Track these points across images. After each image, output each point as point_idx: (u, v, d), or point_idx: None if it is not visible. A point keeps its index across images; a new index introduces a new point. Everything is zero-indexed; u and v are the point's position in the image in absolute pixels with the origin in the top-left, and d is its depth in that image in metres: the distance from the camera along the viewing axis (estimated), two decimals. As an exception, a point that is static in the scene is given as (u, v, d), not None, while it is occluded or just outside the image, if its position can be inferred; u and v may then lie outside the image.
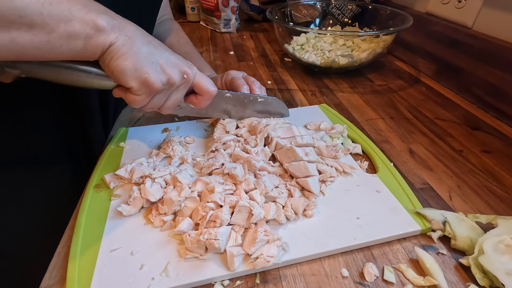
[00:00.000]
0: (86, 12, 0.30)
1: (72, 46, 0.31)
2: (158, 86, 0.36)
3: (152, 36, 0.37)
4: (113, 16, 0.33)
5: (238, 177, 0.40)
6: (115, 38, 0.32)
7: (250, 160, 0.42)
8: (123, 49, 0.33)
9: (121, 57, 0.33)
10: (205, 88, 0.41)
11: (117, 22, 0.33)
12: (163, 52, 0.37)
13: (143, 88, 0.36)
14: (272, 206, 0.37)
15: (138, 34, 0.35)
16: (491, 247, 0.33)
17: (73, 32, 0.30)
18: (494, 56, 0.60)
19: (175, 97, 0.40)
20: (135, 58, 0.34)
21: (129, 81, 0.35)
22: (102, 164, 0.46)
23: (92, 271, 0.32)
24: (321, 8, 0.94)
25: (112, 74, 0.34)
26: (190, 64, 0.40)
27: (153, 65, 0.35)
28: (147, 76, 0.35)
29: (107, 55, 0.33)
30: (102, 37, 0.32)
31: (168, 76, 0.37)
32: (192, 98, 0.43)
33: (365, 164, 0.46)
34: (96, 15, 0.31)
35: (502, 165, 0.48)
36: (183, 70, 0.38)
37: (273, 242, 0.33)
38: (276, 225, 0.37)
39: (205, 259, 0.33)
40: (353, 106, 0.64)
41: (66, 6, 0.29)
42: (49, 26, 0.29)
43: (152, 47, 0.36)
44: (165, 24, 0.71)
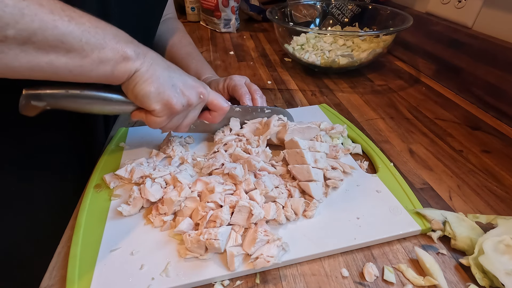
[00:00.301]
0: (117, 42, 0.33)
1: (101, 71, 0.33)
2: (179, 108, 0.39)
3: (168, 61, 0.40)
4: (137, 45, 0.36)
5: (238, 177, 0.40)
6: (140, 65, 0.35)
7: (250, 160, 0.42)
8: (147, 75, 0.36)
9: (145, 82, 0.36)
10: (219, 105, 0.44)
11: (141, 50, 0.36)
12: (181, 75, 0.40)
13: (165, 110, 0.38)
14: (272, 206, 0.37)
15: (159, 60, 0.38)
16: (491, 247, 0.32)
17: (105, 58, 0.33)
18: (494, 56, 0.60)
19: (192, 115, 0.43)
20: (157, 83, 0.36)
21: (152, 104, 0.37)
22: (102, 164, 0.46)
23: (92, 271, 0.32)
24: (321, 8, 0.94)
25: (136, 98, 0.37)
26: (204, 85, 0.43)
27: (173, 88, 0.38)
28: (170, 98, 0.37)
29: (132, 80, 0.36)
30: (129, 64, 0.34)
31: (187, 98, 0.39)
32: (206, 115, 0.46)
33: (365, 164, 0.46)
34: (124, 45, 0.34)
35: (502, 165, 0.48)
36: (200, 91, 0.41)
37: (273, 242, 0.33)
38: (276, 225, 0.37)
39: (205, 259, 0.33)
40: (353, 106, 0.64)
41: (101, 34, 0.32)
42: (85, 51, 0.31)
43: (171, 72, 0.39)
44: (168, 23, 0.71)
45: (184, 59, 0.64)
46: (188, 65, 0.63)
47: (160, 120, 0.39)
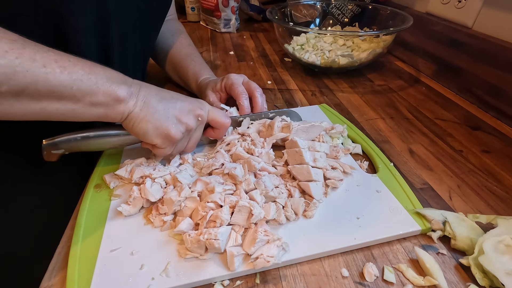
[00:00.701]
0: (110, 85, 0.35)
1: (94, 113, 0.35)
2: (178, 137, 0.40)
3: (162, 89, 0.41)
4: (130, 84, 0.37)
5: (238, 177, 0.40)
6: (133, 105, 0.37)
7: (250, 160, 0.42)
8: (141, 114, 0.37)
9: (141, 121, 0.37)
10: (219, 122, 0.45)
11: (134, 89, 0.37)
12: (175, 103, 0.40)
13: (167, 142, 0.40)
14: (272, 206, 0.37)
15: (152, 93, 0.39)
16: (491, 247, 0.32)
17: (97, 102, 0.34)
18: (494, 56, 0.60)
19: (194, 137, 0.44)
20: (153, 119, 0.38)
21: (153, 140, 0.39)
22: (102, 164, 0.46)
23: (92, 271, 0.32)
24: (321, 8, 0.94)
25: (137, 136, 0.39)
26: (202, 104, 0.43)
27: (170, 120, 0.39)
28: (168, 131, 0.39)
29: (129, 121, 0.37)
30: (122, 106, 0.36)
31: (185, 124, 0.40)
32: (210, 132, 0.47)
33: (365, 164, 0.46)
34: (117, 87, 0.35)
35: (502, 165, 0.48)
36: (197, 114, 0.42)
37: (273, 242, 0.33)
38: (276, 225, 0.37)
39: (205, 259, 0.33)
40: (353, 106, 0.64)
41: (93, 80, 0.34)
42: (76, 98, 0.33)
43: (165, 103, 0.39)
44: (169, 24, 0.71)
45: (184, 60, 0.65)
46: (187, 66, 0.63)
47: (165, 151, 0.41)
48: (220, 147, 0.46)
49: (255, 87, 0.53)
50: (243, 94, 0.52)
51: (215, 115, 0.45)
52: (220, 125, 0.45)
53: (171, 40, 0.68)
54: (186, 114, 0.41)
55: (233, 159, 0.44)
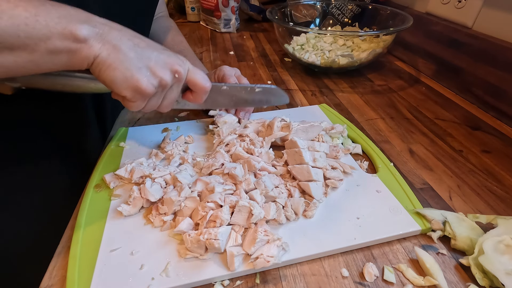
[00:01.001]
0: (65, 25, 0.30)
1: (56, 61, 0.31)
2: (150, 91, 0.35)
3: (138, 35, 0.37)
4: (95, 24, 0.32)
5: (238, 177, 0.40)
6: (99, 49, 0.32)
7: (250, 160, 0.42)
8: (109, 60, 0.32)
9: (108, 68, 0.33)
10: (199, 84, 0.41)
11: (99, 29, 0.32)
12: (151, 52, 0.36)
13: (137, 95, 0.35)
14: (272, 206, 0.37)
15: (124, 38, 0.34)
16: (491, 247, 0.32)
17: (54, 48, 0.30)
18: (494, 56, 0.60)
19: (170, 96, 0.40)
20: (123, 67, 0.33)
21: (122, 91, 0.34)
22: (102, 164, 0.46)
23: (92, 271, 0.32)
24: (321, 8, 0.94)
25: (105, 84, 0.34)
26: (181, 61, 0.39)
27: (142, 70, 0.34)
28: (138, 83, 0.34)
29: (95, 67, 0.33)
30: (85, 50, 0.31)
31: (159, 78, 0.36)
32: (188, 95, 0.43)
33: (365, 164, 0.46)
34: (75, 26, 0.30)
35: (502, 165, 0.48)
36: (174, 69, 0.37)
37: (273, 242, 0.33)
38: (276, 225, 0.37)
39: (205, 259, 0.33)
40: (353, 106, 0.64)
41: (43, 23, 0.29)
42: (29, 46, 0.29)
43: (139, 51, 0.35)
44: (160, 21, 0.71)
45: None
46: None
47: (135, 105, 0.37)
48: (219, 147, 0.46)
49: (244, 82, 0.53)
50: None
51: (194, 76, 0.40)
52: (198, 88, 0.41)
53: (163, 37, 0.68)
54: (162, 67, 0.36)
55: (233, 159, 0.44)
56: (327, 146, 0.46)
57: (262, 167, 0.42)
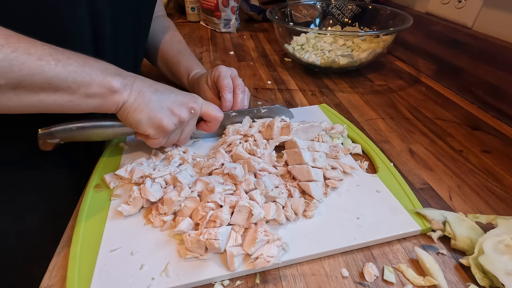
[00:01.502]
0: (104, 77, 0.36)
1: (90, 104, 0.36)
2: (171, 128, 0.41)
3: (156, 82, 0.42)
4: (125, 76, 0.38)
5: (238, 177, 0.40)
6: (127, 96, 0.38)
7: (250, 161, 0.42)
8: (136, 104, 0.38)
9: (135, 111, 0.39)
10: (212, 115, 0.46)
11: (128, 81, 0.38)
12: (169, 95, 0.42)
13: (159, 132, 0.41)
14: (272, 206, 0.37)
15: (146, 85, 0.40)
16: (491, 247, 0.32)
17: (92, 93, 0.36)
18: (494, 56, 0.60)
19: (187, 130, 0.45)
20: (147, 109, 0.39)
21: (146, 130, 0.40)
22: (102, 164, 0.46)
23: (92, 271, 0.32)
24: (321, 8, 0.94)
25: (131, 126, 0.40)
26: (195, 98, 0.44)
27: (163, 111, 0.40)
28: (161, 121, 0.40)
29: (123, 111, 0.39)
30: (116, 97, 0.37)
31: (178, 116, 0.41)
32: (203, 125, 0.48)
33: (365, 164, 0.46)
34: (111, 78, 0.36)
35: (502, 165, 0.48)
36: (190, 106, 0.43)
37: (273, 242, 0.33)
38: (276, 225, 0.37)
39: (205, 259, 0.33)
40: (353, 106, 0.64)
41: (88, 72, 0.35)
42: (72, 89, 0.34)
43: (159, 94, 0.41)
44: (158, 21, 0.72)
45: (176, 56, 0.65)
46: (179, 62, 0.64)
47: (158, 141, 0.42)
48: (221, 147, 0.46)
49: (238, 83, 0.53)
50: (228, 87, 0.52)
51: (208, 109, 0.45)
52: (212, 118, 0.46)
53: (162, 37, 0.68)
54: (179, 106, 0.42)
55: (233, 159, 0.44)
56: (327, 146, 0.46)
57: (262, 167, 0.42)
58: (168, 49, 0.67)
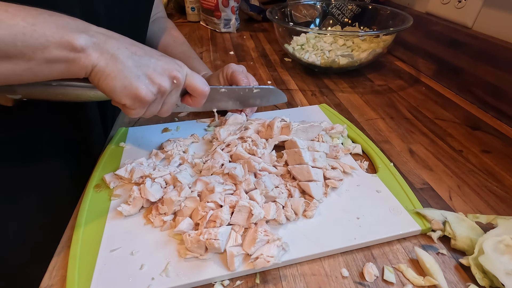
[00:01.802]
0: (63, 35, 0.30)
1: (54, 70, 0.31)
2: (149, 98, 0.36)
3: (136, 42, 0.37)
4: (93, 33, 0.32)
5: (238, 177, 0.40)
6: (97, 59, 0.32)
7: (250, 161, 0.42)
8: (108, 69, 0.33)
9: (107, 77, 0.33)
10: (198, 89, 0.41)
11: (97, 39, 0.32)
12: (149, 59, 0.36)
13: (137, 103, 0.36)
14: (272, 206, 0.37)
15: (122, 47, 0.34)
16: (491, 247, 0.32)
17: (52, 57, 0.30)
18: (494, 56, 0.60)
19: (169, 101, 0.40)
20: (121, 76, 0.33)
21: (121, 99, 0.35)
22: (102, 164, 0.46)
23: (92, 271, 0.32)
24: (321, 8, 0.94)
25: (104, 93, 0.35)
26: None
27: (140, 78, 0.35)
28: (137, 91, 0.34)
29: (94, 76, 0.33)
30: (83, 60, 0.31)
31: (158, 85, 0.36)
32: (187, 99, 0.43)
33: (365, 164, 0.46)
34: (72, 36, 0.30)
35: (502, 165, 0.48)
36: (172, 75, 0.38)
37: (273, 242, 0.33)
38: (276, 225, 0.37)
39: (205, 259, 0.33)
40: (353, 106, 0.64)
41: (40, 32, 0.29)
42: (27, 55, 0.29)
43: (137, 59, 0.35)
44: (159, 22, 0.71)
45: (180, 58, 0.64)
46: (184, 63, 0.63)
47: (135, 112, 0.37)
48: (220, 147, 0.46)
49: (252, 79, 0.55)
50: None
51: (193, 81, 0.41)
52: (198, 93, 0.41)
53: (163, 38, 0.67)
54: (160, 74, 0.36)
55: (233, 159, 0.44)
56: (327, 146, 0.46)
57: (262, 167, 0.42)
58: (171, 51, 0.65)
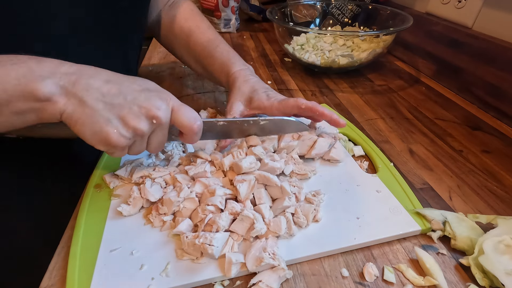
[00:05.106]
0: (24, 86, 0.28)
1: (27, 119, 0.30)
2: (122, 143, 0.32)
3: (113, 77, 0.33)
4: (60, 76, 0.30)
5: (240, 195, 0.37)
6: (64, 105, 0.30)
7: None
8: (75, 115, 0.30)
9: (76, 124, 0.31)
10: (185, 125, 0.36)
11: (64, 82, 0.30)
12: (124, 99, 0.32)
13: (110, 148, 0.33)
14: (282, 220, 0.35)
15: (94, 86, 0.31)
16: (491, 247, 0.32)
17: (18, 110, 0.29)
18: (494, 56, 0.60)
19: (156, 140, 0.36)
20: (90, 121, 0.31)
21: (94, 145, 0.33)
22: (102, 164, 0.46)
23: (92, 271, 0.32)
24: (321, 8, 0.94)
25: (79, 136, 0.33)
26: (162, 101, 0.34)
27: (112, 122, 0.32)
28: (108, 136, 0.32)
29: (65, 121, 0.31)
30: (49, 108, 0.30)
31: (132, 128, 0.32)
32: (181, 135, 0.38)
33: (365, 164, 0.46)
34: (35, 86, 0.28)
35: (502, 165, 0.48)
36: (151, 115, 0.33)
37: (277, 272, 0.31)
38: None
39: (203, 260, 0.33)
40: (353, 106, 0.64)
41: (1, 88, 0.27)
42: None
43: (110, 99, 0.32)
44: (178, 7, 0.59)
45: (207, 48, 0.53)
46: (212, 55, 0.52)
47: (115, 155, 0.35)
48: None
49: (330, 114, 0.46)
50: None
51: (180, 117, 0.35)
52: (186, 130, 0.36)
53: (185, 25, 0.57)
54: (136, 116, 0.32)
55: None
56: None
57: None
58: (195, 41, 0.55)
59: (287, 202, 0.37)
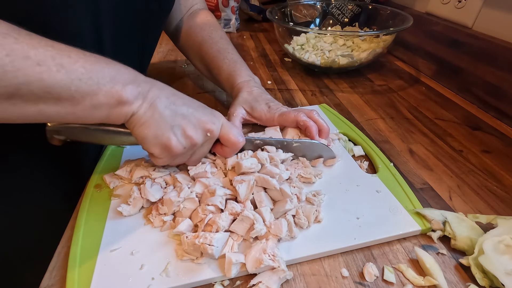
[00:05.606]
0: (113, 85, 0.31)
1: (95, 115, 0.32)
2: (179, 151, 0.36)
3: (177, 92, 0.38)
4: (140, 83, 0.34)
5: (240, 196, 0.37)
6: (137, 107, 0.33)
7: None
8: (144, 117, 0.34)
9: (142, 125, 0.34)
10: (231, 141, 0.40)
11: (142, 89, 0.33)
12: (187, 110, 0.37)
13: (165, 153, 0.36)
14: (283, 223, 0.35)
15: (162, 96, 0.35)
16: (491, 247, 0.32)
17: (98, 104, 0.31)
18: (494, 56, 0.60)
19: (200, 152, 0.40)
20: (155, 125, 0.34)
21: (150, 148, 0.36)
22: (102, 164, 0.46)
23: (92, 271, 0.32)
24: (321, 8, 0.94)
25: (137, 139, 0.36)
26: (215, 118, 0.39)
27: (174, 130, 0.35)
28: (168, 143, 0.35)
29: (130, 123, 0.34)
30: (125, 108, 0.33)
31: (190, 139, 0.36)
32: (218, 149, 0.42)
33: (365, 164, 0.46)
34: (122, 87, 0.32)
35: (502, 165, 0.48)
36: (207, 129, 0.38)
37: (277, 273, 0.31)
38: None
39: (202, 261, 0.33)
40: (353, 106, 0.64)
41: (95, 80, 0.30)
42: (75, 99, 0.30)
43: (174, 109, 0.36)
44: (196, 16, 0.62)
45: (216, 58, 0.56)
46: (220, 66, 0.55)
47: (162, 161, 0.37)
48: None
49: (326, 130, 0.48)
50: None
51: (228, 132, 0.40)
52: (231, 144, 0.40)
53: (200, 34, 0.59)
54: (194, 127, 0.37)
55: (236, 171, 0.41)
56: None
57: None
58: (206, 50, 0.58)
59: (288, 205, 0.37)
